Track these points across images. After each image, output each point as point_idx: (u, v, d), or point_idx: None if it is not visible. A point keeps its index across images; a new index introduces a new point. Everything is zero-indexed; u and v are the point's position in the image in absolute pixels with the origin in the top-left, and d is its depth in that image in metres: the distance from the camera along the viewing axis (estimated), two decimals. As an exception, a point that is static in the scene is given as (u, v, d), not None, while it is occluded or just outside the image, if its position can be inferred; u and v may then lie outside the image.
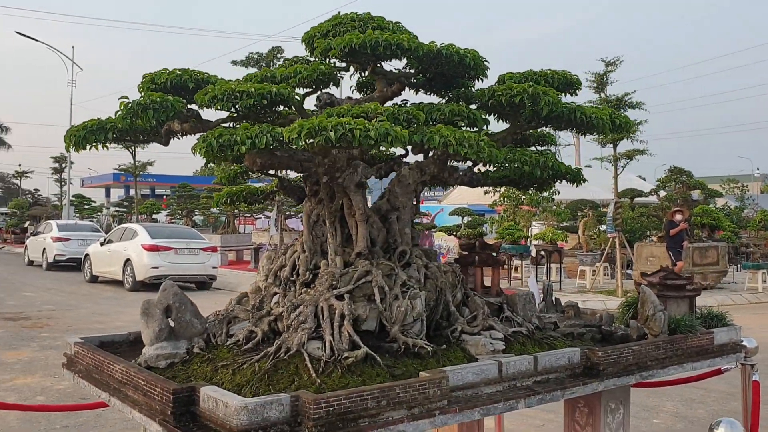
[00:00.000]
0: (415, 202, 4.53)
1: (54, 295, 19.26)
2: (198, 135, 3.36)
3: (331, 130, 2.77)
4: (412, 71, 3.94)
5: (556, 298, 5.49)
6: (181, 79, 3.46)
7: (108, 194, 61.92)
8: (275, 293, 3.97)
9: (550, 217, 21.57)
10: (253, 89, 3.16)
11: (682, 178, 21.17)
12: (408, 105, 3.79)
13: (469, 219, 19.09)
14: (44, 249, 27.48)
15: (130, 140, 3.57)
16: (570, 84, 4.13)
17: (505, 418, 7.26)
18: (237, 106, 3.21)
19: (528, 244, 19.51)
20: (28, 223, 41.55)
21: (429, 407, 3.25)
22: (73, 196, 41.13)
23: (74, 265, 25.67)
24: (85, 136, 3.33)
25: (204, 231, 27.22)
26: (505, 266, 19.55)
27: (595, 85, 17.24)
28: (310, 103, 3.92)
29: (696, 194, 21.53)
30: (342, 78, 4.17)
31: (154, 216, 32.86)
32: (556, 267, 19.00)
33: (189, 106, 3.54)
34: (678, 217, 17.30)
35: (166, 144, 3.70)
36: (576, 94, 4.23)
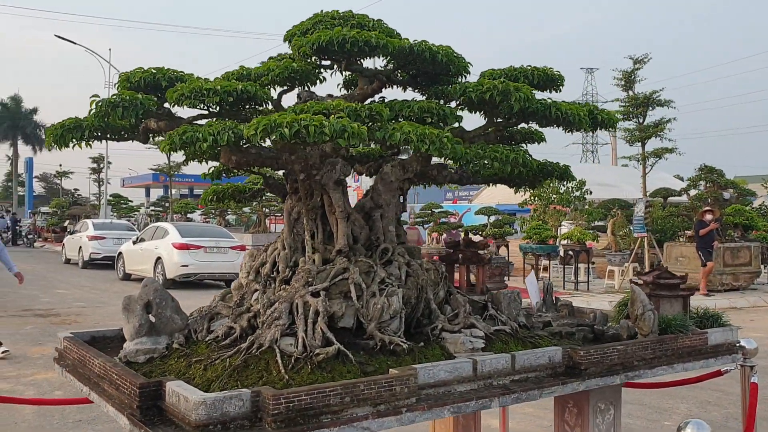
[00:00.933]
0: (403, 200, 4.53)
1: (86, 293, 19.65)
2: (172, 133, 3.40)
3: (285, 127, 2.79)
4: (391, 68, 3.94)
5: (556, 297, 5.44)
6: (155, 77, 3.51)
7: (147, 194, 62.97)
8: (256, 290, 3.99)
9: (580, 217, 21.31)
10: (219, 87, 3.19)
11: (713, 176, 20.72)
12: (381, 102, 3.79)
13: (496, 218, 18.95)
14: (80, 247, 28.06)
15: (109, 138, 3.63)
16: (551, 80, 4.08)
17: (512, 418, 7.21)
18: (204, 104, 3.25)
19: (556, 243, 19.30)
20: (67, 222, 42.44)
21: (396, 404, 3.24)
22: (110, 196, 41.93)
23: (109, 263, 26.14)
24: (62, 134, 3.40)
25: (236, 230, 27.54)
26: (533, 266, 19.40)
27: (623, 83, 16.97)
28: (291, 100, 3.93)
29: (728, 193, 21.04)
30: (322, 76, 4.18)
31: (188, 215, 33.35)
32: (584, 267, 18.76)
33: (165, 104, 3.58)
34: (708, 216, 16.96)
35: (145, 142, 3.76)
36: (559, 91, 4.17)
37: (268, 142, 3.21)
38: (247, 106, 3.49)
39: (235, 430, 2.92)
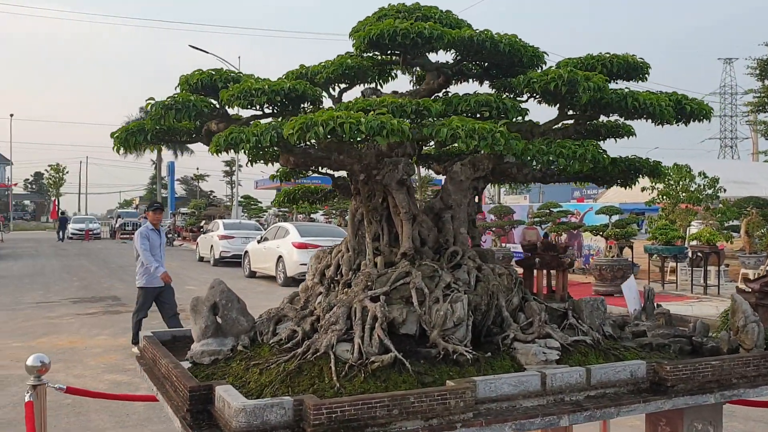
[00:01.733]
0: (477, 200, 4.32)
1: (212, 290, 20.47)
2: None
3: (320, 125, 2.67)
4: (455, 62, 3.73)
5: (658, 304, 5.03)
6: (211, 79, 3.50)
7: None
8: (320, 293, 3.92)
9: (711, 216, 19.94)
10: (266, 86, 3.12)
11: None
12: (444, 96, 3.59)
13: (618, 218, 18.05)
14: (212, 246, 29.37)
15: (171, 140, 3.66)
16: (633, 68, 3.73)
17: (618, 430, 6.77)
18: (252, 104, 3.20)
19: (684, 244, 18.14)
20: (203, 222, 44.64)
21: (450, 419, 3.05)
22: (242, 197, 43.67)
23: (237, 261, 27.20)
24: (126, 138, 3.46)
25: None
26: (660, 268, 18.34)
27: (757, 71, 15.67)
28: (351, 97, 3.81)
29: None
30: (394, 72, 4.03)
31: (312, 216, 34.16)
32: (715, 270, 17.52)
33: (226, 106, 3.57)
34: None
35: (207, 143, 3.76)
36: (644, 80, 3.81)
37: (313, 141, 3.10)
38: (303, 106, 3.41)
39: (279, 439, 2.85)
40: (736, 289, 4.72)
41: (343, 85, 3.82)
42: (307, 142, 2.93)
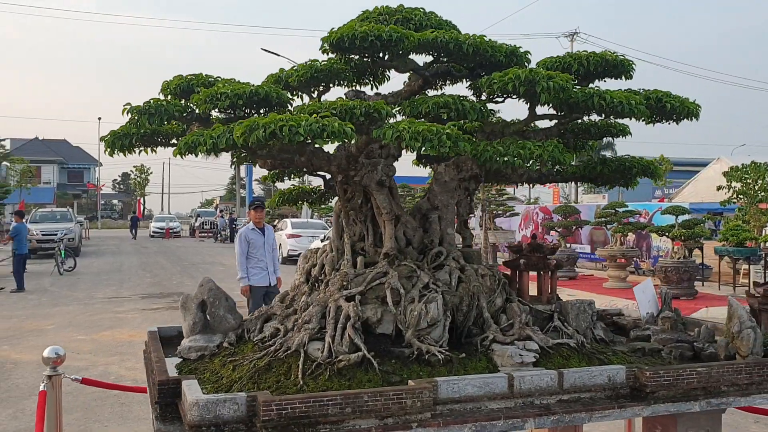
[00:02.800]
0: (470, 201, 4.30)
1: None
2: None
3: (260, 128, 2.73)
4: (427, 64, 3.73)
5: (675, 308, 4.88)
6: (188, 84, 3.61)
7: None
8: (305, 292, 3.98)
9: (788, 217, 18.94)
10: (229, 90, 3.21)
11: None
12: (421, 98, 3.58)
13: (687, 218, 17.37)
14: (280, 245, 29.97)
15: (159, 144, 3.79)
16: (613, 67, 3.62)
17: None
18: (218, 107, 3.28)
19: (758, 246, 17.31)
20: (276, 220, 45.52)
21: (406, 419, 3.06)
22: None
23: (305, 259, 27.60)
24: (113, 141, 3.62)
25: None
26: (732, 270, 17.59)
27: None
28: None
29: None
30: (388, 75, 4.06)
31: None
32: (790, 273, 16.64)
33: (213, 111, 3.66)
34: None
35: (193, 147, 3.87)
36: (628, 78, 3.71)
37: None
38: (264, 109, 3.45)
39: (230, 433, 2.93)
40: (746, 293, 4.52)
41: (319, 88, 3.87)
42: (252, 144, 2.96)
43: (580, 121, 3.96)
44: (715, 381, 3.56)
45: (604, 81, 3.84)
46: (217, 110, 3.34)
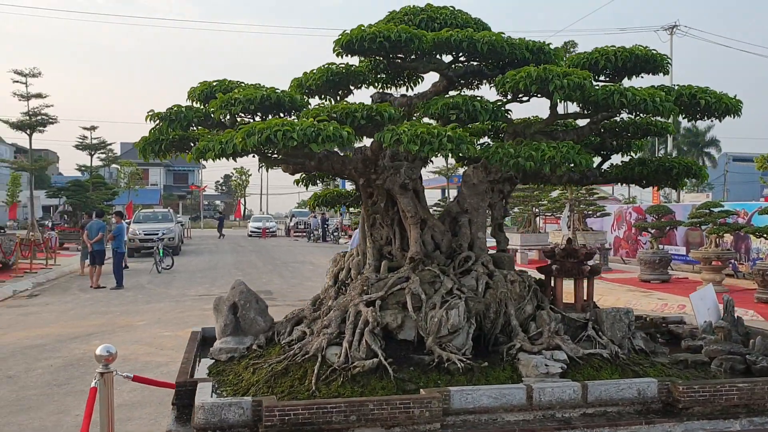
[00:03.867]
0: (505, 203, 4.17)
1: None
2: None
3: (256, 133, 2.73)
4: (455, 62, 3.62)
5: (738, 316, 4.59)
6: (212, 90, 3.66)
7: (443, 194, 65.61)
8: (332, 296, 3.97)
9: None
10: (242, 96, 3.22)
11: None
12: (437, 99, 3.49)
13: (790, 218, 16.27)
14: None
15: (188, 148, 3.86)
16: (645, 62, 3.40)
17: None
18: (232, 112, 3.30)
19: None
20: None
21: (414, 428, 3.01)
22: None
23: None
24: (144, 147, 3.71)
25: (509, 230, 27.39)
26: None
27: None
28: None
29: None
30: (422, 76, 3.99)
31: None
32: None
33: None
34: None
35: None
36: (665, 73, 3.47)
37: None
38: (282, 113, 3.44)
39: (235, 437, 2.95)
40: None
41: (339, 91, 3.84)
42: (251, 148, 2.96)
43: (618, 119, 3.76)
44: (759, 398, 3.30)
45: (641, 77, 3.64)
46: (230, 115, 3.36)
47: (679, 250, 22.39)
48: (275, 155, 3.08)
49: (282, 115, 3.38)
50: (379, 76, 4.02)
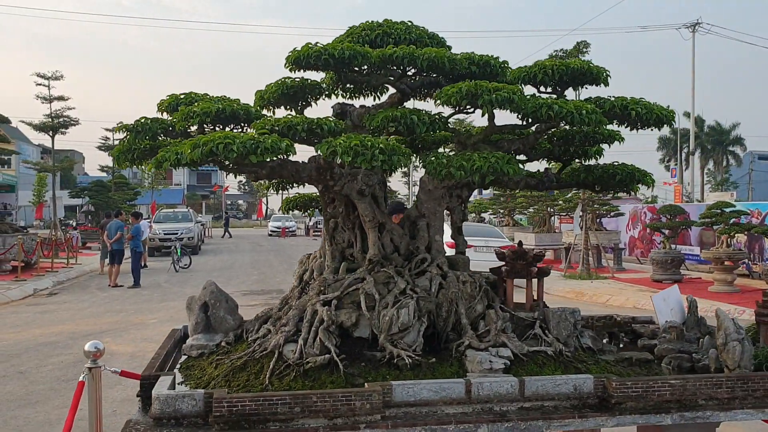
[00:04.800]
0: (464, 207, 4.36)
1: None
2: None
3: (201, 146, 2.95)
4: (399, 76, 3.82)
5: (701, 317, 4.75)
6: (178, 102, 3.88)
7: (480, 193, 65.72)
8: (296, 296, 4.18)
9: None
10: (199, 109, 3.44)
11: None
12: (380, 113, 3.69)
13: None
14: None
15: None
16: (581, 75, 3.56)
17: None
18: (190, 125, 3.53)
19: None
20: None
21: (355, 420, 3.20)
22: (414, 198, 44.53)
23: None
24: (119, 156, 3.96)
25: (525, 230, 27.52)
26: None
27: None
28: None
29: None
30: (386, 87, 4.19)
31: (482, 215, 34.25)
32: None
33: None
34: None
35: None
36: (605, 85, 3.64)
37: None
38: (237, 125, 3.64)
39: (188, 426, 3.18)
40: (757, 304, 4.32)
41: (299, 103, 4.04)
42: (198, 160, 3.16)
43: (567, 128, 3.94)
44: (691, 394, 3.46)
45: (586, 88, 3.81)
46: (198, 126, 3.58)
47: (693, 250, 22.34)
48: (228, 164, 3.30)
49: (239, 126, 3.59)
50: (347, 86, 4.22)
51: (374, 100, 4.44)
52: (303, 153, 3.54)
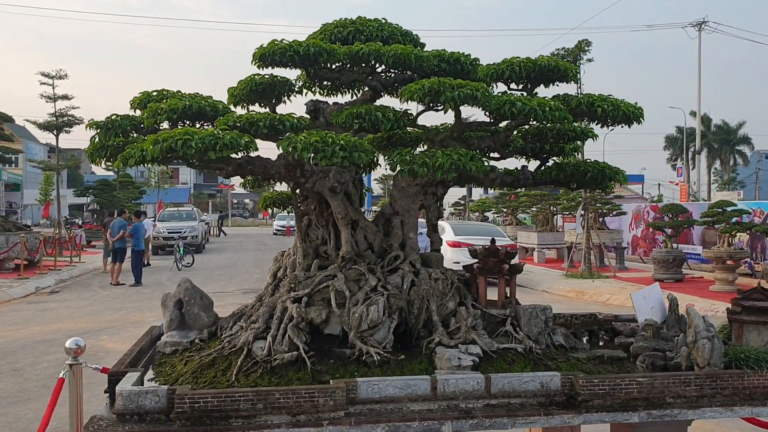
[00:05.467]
0: (439, 205, 4.35)
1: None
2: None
3: (161, 142, 2.95)
4: (369, 73, 3.81)
5: (682, 315, 4.72)
6: (149, 99, 3.87)
7: (486, 191, 65.48)
8: (270, 293, 4.18)
9: None
10: (165, 106, 3.44)
11: None
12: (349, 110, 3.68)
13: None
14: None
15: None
16: (549, 72, 3.54)
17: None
18: (157, 122, 3.53)
19: None
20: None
21: (318, 416, 3.20)
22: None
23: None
24: (92, 153, 3.97)
25: (527, 229, 27.46)
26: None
27: None
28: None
29: None
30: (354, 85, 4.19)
31: (485, 214, 34.21)
32: None
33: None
34: None
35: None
36: (574, 81, 3.62)
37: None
38: (205, 121, 3.64)
39: (151, 423, 3.18)
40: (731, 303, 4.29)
41: (274, 99, 4.04)
42: (158, 156, 3.16)
43: (540, 125, 3.92)
44: (658, 392, 3.44)
45: (557, 85, 3.79)
46: (171, 122, 3.58)
47: (695, 249, 22.24)
48: (194, 161, 3.30)
49: (207, 123, 3.60)
50: (324, 83, 4.22)
51: (352, 97, 4.43)
52: (274, 150, 3.55)
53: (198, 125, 3.58)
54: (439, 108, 3.68)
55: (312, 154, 3.00)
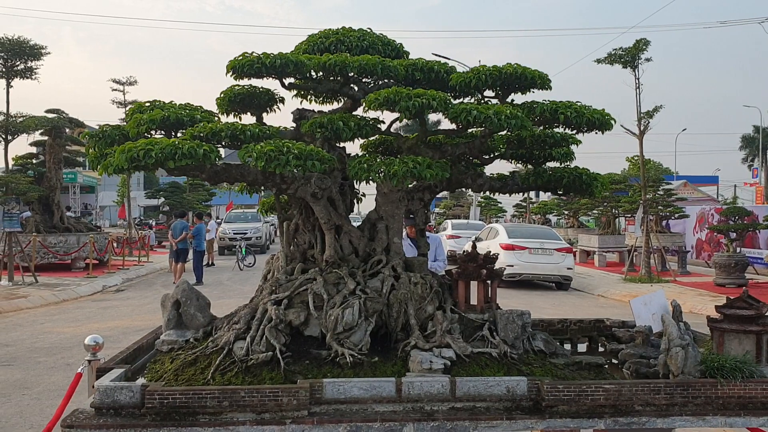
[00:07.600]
0: (426, 210, 4.41)
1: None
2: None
3: (126, 152, 3.11)
4: (342, 84, 3.89)
5: (685, 322, 4.65)
6: (141, 110, 4.05)
7: (537, 195, 64.62)
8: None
9: None
10: (146, 117, 3.61)
11: None
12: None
13: None
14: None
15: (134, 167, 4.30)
16: (517, 79, 3.54)
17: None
18: (139, 132, 3.70)
19: None
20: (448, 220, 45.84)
21: (282, 415, 3.32)
22: (482, 197, 44.22)
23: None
24: (92, 161, 4.19)
25: (589, 232, 26.94)
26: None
27: None
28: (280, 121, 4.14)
29: None
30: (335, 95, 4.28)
31: (547, 216, 33.67)
32: None
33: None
34: None
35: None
36: (548, 88, 3.61)
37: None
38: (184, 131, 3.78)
39: (125, 417, 3.36)
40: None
41: (257, 109, 4.16)
42: (124, 166, 3.31)
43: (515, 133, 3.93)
44: (626, 399, 3.41)
45: (532, 92, 3.80)
46: (162, 131, 3.76)
47: (762, 253, 21.39)
48: (172, 169, 3.45)
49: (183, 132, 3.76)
50: (311, 93, 4.34)
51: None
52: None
53: (180, 134, 3.75)
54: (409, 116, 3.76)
55: (264, 163, 3.12)
